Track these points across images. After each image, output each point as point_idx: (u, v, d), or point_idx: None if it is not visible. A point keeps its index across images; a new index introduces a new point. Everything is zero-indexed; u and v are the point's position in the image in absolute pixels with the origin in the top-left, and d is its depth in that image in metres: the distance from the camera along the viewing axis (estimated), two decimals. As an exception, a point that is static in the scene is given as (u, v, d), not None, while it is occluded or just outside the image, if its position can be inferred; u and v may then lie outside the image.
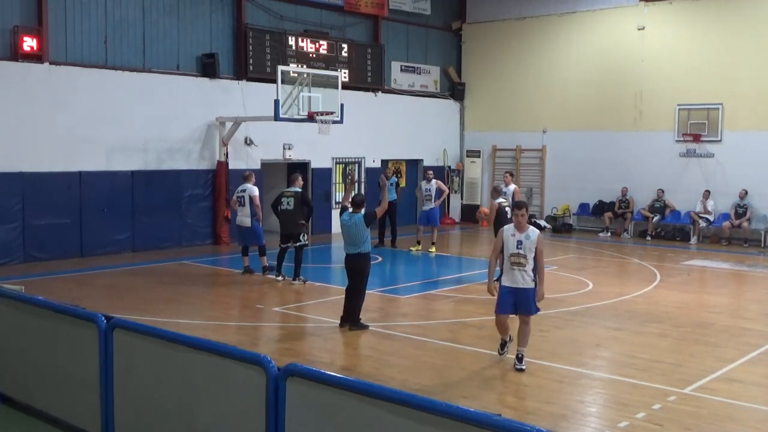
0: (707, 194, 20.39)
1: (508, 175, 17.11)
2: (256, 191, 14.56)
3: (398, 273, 16.09)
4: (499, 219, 14.04)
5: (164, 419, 5.70)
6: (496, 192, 14.79)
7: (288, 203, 13.77)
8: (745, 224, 19.84)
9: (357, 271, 10.57)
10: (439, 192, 18.09)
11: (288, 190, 14.00)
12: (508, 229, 8.75)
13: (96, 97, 16.43)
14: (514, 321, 8.93)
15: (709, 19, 20.67)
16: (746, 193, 19.81)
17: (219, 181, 18.39)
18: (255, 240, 14.57)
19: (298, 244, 13.78)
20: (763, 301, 13.25)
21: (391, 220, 18.30)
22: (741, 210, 19.93)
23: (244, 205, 14.44)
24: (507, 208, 14.61)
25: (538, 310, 8.83)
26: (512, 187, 16.48)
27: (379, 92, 22.54)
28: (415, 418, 4.20)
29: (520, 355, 8.75)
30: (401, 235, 19.02)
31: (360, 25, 22.33)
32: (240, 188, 14.66)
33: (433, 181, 18.20)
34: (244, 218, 14.50)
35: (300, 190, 13.99)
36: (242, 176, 15.05)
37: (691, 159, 21.02)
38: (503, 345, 9.16)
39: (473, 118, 25.23)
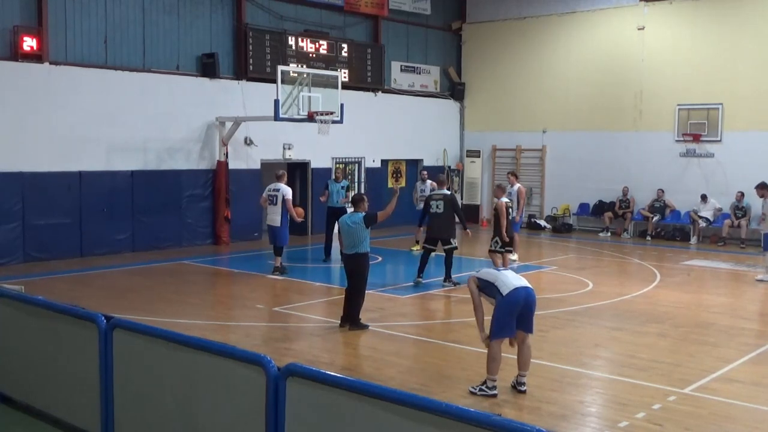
0: (704, 198, 20.34)
1: (511, 175, 17.04)
2: (290, 193, 14.38)
3: (398, 273, 16.07)
4: (500, 219, 14.13)
5: (164, 419, 5.70)
6: (500, 190, 14.55)
7: (437, 206, 13.60)
8: (744, 224, 19.82)
9: (356, 271, 10.56)
10: None
11: (437, 192, 13.92)
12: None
13: (96, 97, 16.43)
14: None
15: (709, 19, 20.67)
16: (743, 195, 19.69)
17: (219, 181, 18.39)
18: (279, 240, 14.48)
19: (447, 247, 13.68)
20: (763, 301, 13.26)
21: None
22: (740, 213, 19.90)
23: (275, 204, 14.32)
24: (510, 208, 14.68)
25: None
26: (517, 186, 16.44)
27: (379, 92, 22.53)
28: (415, 418, 4.20)
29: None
30: (401, 235, 18.99)
31: (360, 25, 22.33)
32: (273, 187, 14.50)
33: (428, 182, 18.13)
34: (274, 217, 14.37)
35: (449, 192, 13.75)
36: (275, 175, 14.82)
37: (691, 159, 21.02)
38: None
39: (473, 118, 25.22)
